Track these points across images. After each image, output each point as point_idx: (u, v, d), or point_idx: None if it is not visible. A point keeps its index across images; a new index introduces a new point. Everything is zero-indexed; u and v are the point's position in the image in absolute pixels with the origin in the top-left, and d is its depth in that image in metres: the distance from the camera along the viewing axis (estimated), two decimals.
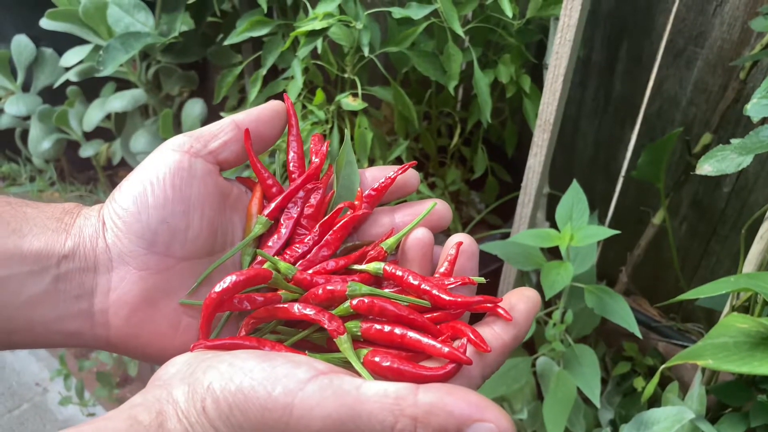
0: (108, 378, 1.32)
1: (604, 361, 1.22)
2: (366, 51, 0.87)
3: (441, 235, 0.46)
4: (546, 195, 1.11)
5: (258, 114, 0.43)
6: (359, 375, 0.35)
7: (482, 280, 0.39)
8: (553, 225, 0.91)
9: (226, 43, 1.00)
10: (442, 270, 0.40)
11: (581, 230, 0.81)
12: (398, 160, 1.04)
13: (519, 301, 0.38)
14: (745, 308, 0.91)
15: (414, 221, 0.42)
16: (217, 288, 0.37)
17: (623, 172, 1.19)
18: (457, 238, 0.40)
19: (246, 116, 0.43)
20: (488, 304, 0.37)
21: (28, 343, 0.37)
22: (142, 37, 1.10)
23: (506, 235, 1.07)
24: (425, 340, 0.35)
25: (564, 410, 0.92)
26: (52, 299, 0.37)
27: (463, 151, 1.20)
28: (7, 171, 1.66)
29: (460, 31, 0.85)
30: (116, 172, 1.66)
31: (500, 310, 0.36)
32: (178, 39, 1.13)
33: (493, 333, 0.36)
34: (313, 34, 0.85)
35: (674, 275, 1.18)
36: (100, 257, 0.38)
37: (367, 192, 0.44)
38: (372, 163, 0.98)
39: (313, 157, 0.45)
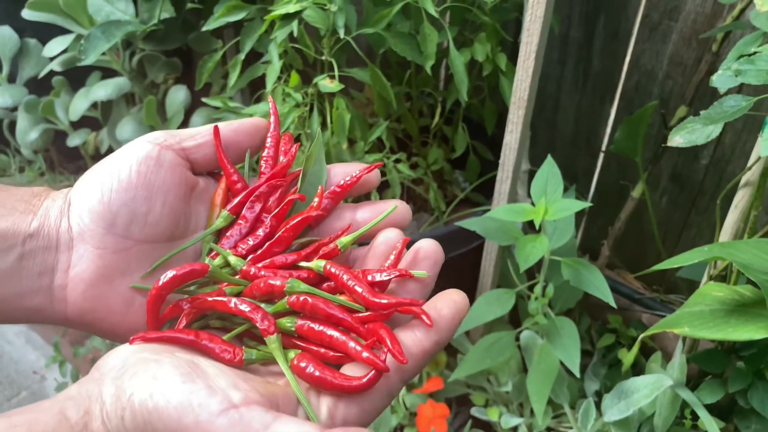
0: None
1: (589, 333, 1.24)
2: (341, 33, 0.87)
3: (425, 213, 0.48)
4: (527, 172, 1.12)
5: (238, 125, 0.45)
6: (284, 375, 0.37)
7: (424, 274, 0.40)
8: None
9: (204, 29, 1.01)
10: (387, 263, 0.41)
11: (556, 203, 0.83)
12: (379, 141, 1.05)
13: (445, 305, 0.38)
14: (723, 277, 0.92)
15: (372, 222, 0.43)
16: (158, 284, 0.39)
17: (604, 147, 1.20)
18: (423, 242, 0.41)
19: (227, 126, 0.45)
20: (413, 308, 0.37)
21: None
22: (123, 25, 1.10)
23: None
24: (350, 343, 0.37)
25: (547, 382, 0.94)
26: (16, 276, 0.39)
27: (444, 131, 1.21)
28: None
29: (433, 11, 0.86)
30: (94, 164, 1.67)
31: (423, 316, 0.37)
32: (159, 26, 1.13)
33: (414, 338, 0.37)
34: (287, 17, 0.85)
35: (656, 248, 1.19)
36: (62, 236, 0.40)
37: (332, 188, 0.45)
38: (352, 143, 0.99)
39: (282, 157, 0.46)
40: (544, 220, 0.84)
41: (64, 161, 1.70)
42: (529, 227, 1.07)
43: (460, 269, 1.07)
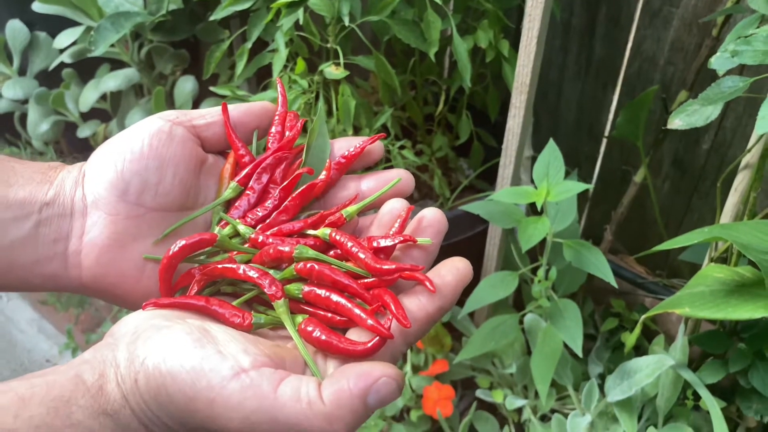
0: None
1: (593, 318, 1.25)
2: (346, 20, 0.89)
3: (430, 200, 0.49)
4: (530, 158, 1.13)
5: (247, 107, 0.47)
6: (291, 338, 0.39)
7: (428, 241, 0.41)
8: None
9: (212, 18, 1.03)
10: (392, 231, 0.42)
11: (557, 186, 0.84)
12: (384, 128, 1.07)
13: (448, 272, 0.39)
14: (723, 259, 0.93)
15: (377, 193, 0.45)
16: (169, 253, 0.40)
17: (606, 133, 1.22)
18: (426, 210, 0.43)
19: (236, 107, 0.47)
20: (416, 274, 0.38)
21: (9, 284, 0.41)
22: (132, 16, 1.12)
23: None
24: (355, 310, 0.38)
25: (550, 364, 0.96)
26: (33, 243, 0.40)
27: (449, 118, 1.22)
28: (8, 154, 1.69)
29: None
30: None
31: (427, 283, 0.38)
32: (167, 17, 1.15)
33: (418, 303, 0.38)
34: (293, 6, 0.87)
35: (659, 232, 1.21)
36: (77, 204, 0.42)
37: (336, 159, 0.47)
38: (357, 131, 1.00)
39: (287, 132, 0.48)
40: (546, 203, 0.86)
41: (74, 152, 1.73)
42: (532, 211, 1.09)
43: (464, 254, 1.08)
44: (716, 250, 0.94)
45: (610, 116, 1.20)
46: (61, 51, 1.32)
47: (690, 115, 0.78)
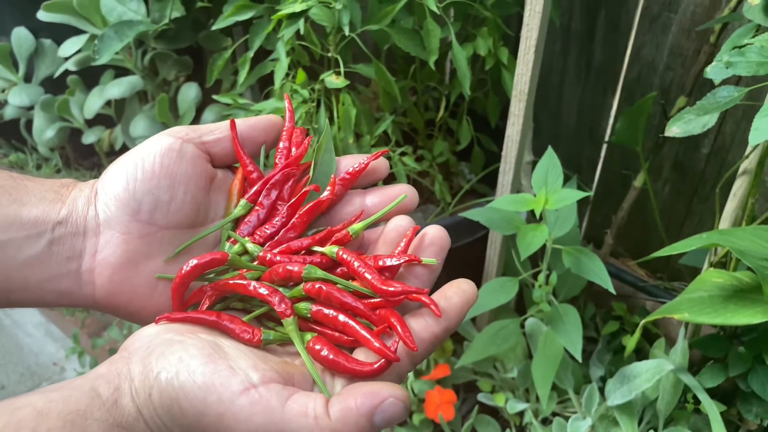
0: None
1: (595, 321, 1.26)
2: (346, 30, 0.90)
3: (431, 205, 0.50)
4: (530, 163, 1.14)
5: (255, 121, 0.48)
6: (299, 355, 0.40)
7: (433, 261, 0.42)
8: None
9: (214, 27, 1.04)
10: (398, 250, 0.43)
11: (556, 193, 0.85)
12: (385, 135, 1.08)
13: (454, 294, 0.41)
14: (723, 264, 0.94)
15: (383, 210, 0.46)
16: (181, 272, 0.41)
17: (607, 138, 1.22)
18: (429, 228, 0.44)
19: (244, 122, 0.48)
20: (422, 297, 0.40)
21: (24, 301, 0.42)
22: (135, 25, 1.14)
23: None
24: (362, 332, 0.39)
25: (551, 368, 0.96)
26: (47, 261, 0.41)
27: (449, 124, 1.23)
28: (15, 160, 1.71)
29: (434, 8, 0.89)
30: (119, 157, 1.71)
31: (432, 306, 0.39)
32: (170, 26, 1.16)
33: (425, 324, 0.40)
34: (294, 16, 0.88)
35: (659, 236, 1.21)
36: (89, 223, 0.42)
37: (342, 175, 0.47)
38: (359, 138, 1.01)
39: (294, 149, 0.49)
40: (545, 210, 0.86)
41: (79, 158, 1.75)
42: (533, 217, 1.09)
43: (465, 259, 1.09)
44: (716, 254, 0.95)
45: (611, 120, 1.20)
46: (66, 58, 1.34)
47: (687, 123, 0.79)
